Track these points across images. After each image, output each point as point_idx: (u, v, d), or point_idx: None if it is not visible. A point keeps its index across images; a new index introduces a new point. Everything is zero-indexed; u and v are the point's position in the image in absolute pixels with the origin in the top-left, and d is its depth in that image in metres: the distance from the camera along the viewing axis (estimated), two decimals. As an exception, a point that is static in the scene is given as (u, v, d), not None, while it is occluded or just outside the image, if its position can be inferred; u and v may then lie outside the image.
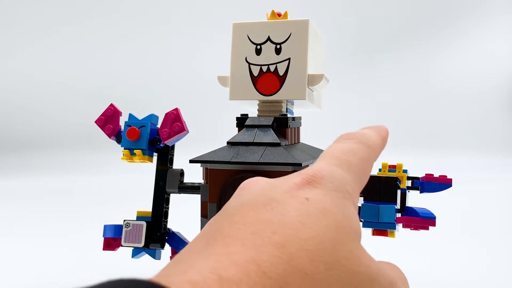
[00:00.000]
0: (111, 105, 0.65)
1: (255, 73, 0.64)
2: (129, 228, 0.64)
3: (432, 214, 0.60)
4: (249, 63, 0.64)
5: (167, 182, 0.66)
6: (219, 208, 0.61)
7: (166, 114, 0.63)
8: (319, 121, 1.20)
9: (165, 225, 0.66)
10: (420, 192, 0.61)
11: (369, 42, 2.20)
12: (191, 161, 0.64)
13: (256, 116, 0.65)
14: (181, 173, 0.68)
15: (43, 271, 0.85)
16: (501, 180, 1.72)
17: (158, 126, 0.64)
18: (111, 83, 2.35)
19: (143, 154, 0.62)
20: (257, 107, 0.66)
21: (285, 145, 0.62)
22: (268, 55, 0.64)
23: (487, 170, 1.88)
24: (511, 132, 2.24)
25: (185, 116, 0.63)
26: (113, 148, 0.71)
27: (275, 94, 0.63)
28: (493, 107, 2.25)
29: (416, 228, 0.61)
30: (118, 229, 0.66)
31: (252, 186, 0.35)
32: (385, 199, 0.58)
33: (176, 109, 0.63)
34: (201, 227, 0.64)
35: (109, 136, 0.65)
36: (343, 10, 2.23)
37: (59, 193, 1.61)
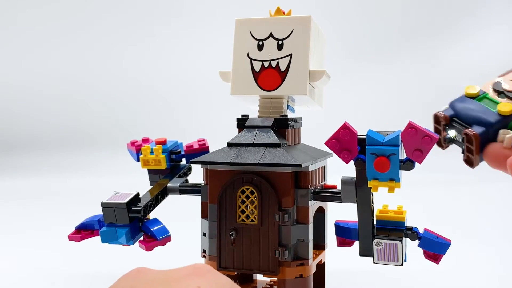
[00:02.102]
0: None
1: (257, 68, 0.64)
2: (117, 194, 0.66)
3: (444, 249, 0.59)
4: (251, 59, 0.64)
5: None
6: (219, 208, 0.61)
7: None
8: (319, 122, 1.20)
9: (146, 208, 0.66)
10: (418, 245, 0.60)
11: (370, 42, 2.20)
12: (192, 162, 0.64)
13: (257, 116, 0.66)
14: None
15: (42, 271, 0.85)
16: (500, 180, 1.71)
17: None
18: (107, 83, 2.35)
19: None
20: (258, 103, 0.66)
21: (286, 146, 0.62)
22: (270, 51, 0.64)
23: (486, 170, 1.88)
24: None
25: (185, 117, 0.64)
26: (113, 148, 0.71)
27: (276, 90, 0.63)
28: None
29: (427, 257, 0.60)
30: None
31: (146, 272, 0.38)
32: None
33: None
34: (202, 228, 0.65)
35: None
36: (344, 9, 2.23)
37: (59, 193, 1.62)
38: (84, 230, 0.69)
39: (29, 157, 2.18)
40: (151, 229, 0.65)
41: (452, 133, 0.50)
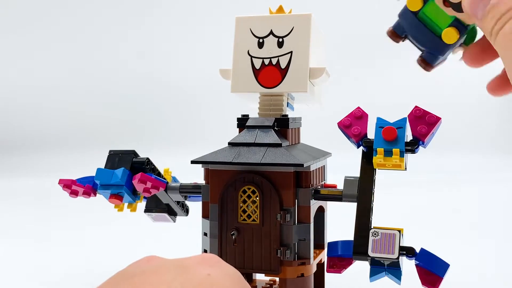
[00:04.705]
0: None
1: (257, 66, 0.64)
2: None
3: (443, 268, 0.57)
4: (251, 56, 0.65)
5: None
6: (220, 208, 0.61)
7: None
8: (319, 122, 1.20)
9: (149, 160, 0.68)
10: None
11: (372, 43, 2.20)
12: (193, 162, 0.64)
13: (257, 114, 0.66)
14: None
15: (41, 272, 0.85)
16: (501, 180, 1.72)
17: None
18: (107, 83, 2.34)
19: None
20: (258, 101, 0.66)
21: (286, 145, 0.62)
22: (270, 48, 0.64)
23: (486, 170, 1.89)
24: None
25: (186, 117, 0.64)
26: (113, 149, 0.71)
27: (277, 87, 0.63)
28: (494, 106, 2.25)
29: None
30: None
31: (157, 259, 0.39)
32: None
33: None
34: (203, 228, 0.65)
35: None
36: (346, 8, 2.23)
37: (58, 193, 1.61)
38: (79, 184, 0.69)
39: (29, 157, 2.17)
40: (150, 175, 0.67)
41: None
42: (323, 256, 0.69)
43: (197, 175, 0.75)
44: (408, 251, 0.56)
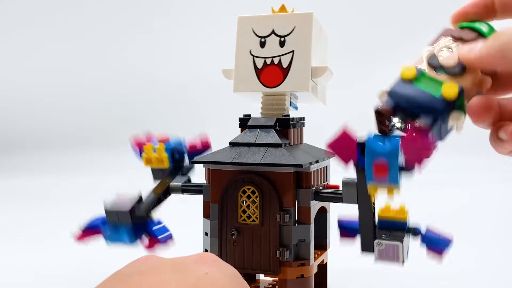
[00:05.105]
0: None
1: (259, 65, 0.64)
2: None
3: (446, 244, 0.58)
4: (253, 56, 0.65)
5: None
6: (221, 208, 0.61)
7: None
8: (322, 122, 1.19)
9: (148, 211, 0.66)
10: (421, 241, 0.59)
11: (375, 42, 2.19)
12: (193, 162, 0.64)
13: (259, 115, 0.66)
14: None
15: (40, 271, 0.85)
16: (501, 180, 1.70)
17: None
18: (110, 82, 2.35)
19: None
20: (260, 100, 0.66)
21: (287, 145, 0.62)
22: (272, 48, 0.64)
23: (486, 170, 1.86)
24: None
25: (187, 117, 0.64)
26: (114, 149, 0.71)
27: (279, 86, 0.63)
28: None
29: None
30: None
31: (155, 259, 0.40)
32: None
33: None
34: (204, 227, 0.65)
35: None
36: (349, 8, 2.22)
37: (63, 193, 1.63)
38: (89, 231, 0.70)
39: (30, 157, 2.19)
40: (152, 228, 0.66)
41: (396, 120, 0.47)
42: (325, 257, 0.68)
43: (198, 175, 0.75)
44: (413, 233, 0.58)
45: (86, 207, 0.73)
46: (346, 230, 0.61)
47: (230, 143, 0.63)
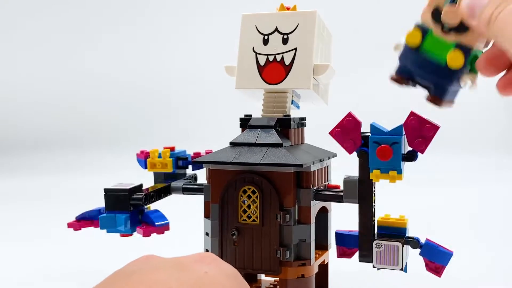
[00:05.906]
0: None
1: (262, 62, 0.64)
2: None
3: (446, 259, 0.58)
4: (256, 53, 0.65)
5: None
6: (221, 208, 0.61)
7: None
8: (324, 122, 1.19)
9: (147, 197, 0.67)
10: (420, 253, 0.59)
11: (377, 39, 2.19)
12: (194, 162, 0.65)
13: (260, 115, 0.65)
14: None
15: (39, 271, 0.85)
16: (501, 180, 1.70)
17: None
18: (109, 83, 2.36)
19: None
20: (262, 98, 0.66)
21: (288, 145, 0.62)
22: (275, 45, 0.64)
23: (486, 170, 1.86)
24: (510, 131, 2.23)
25: (188, 117, 0.64)
26: (114, 149, 0.71)
27: (281, 83, 0.63)
28: (494, 106, 2.23)
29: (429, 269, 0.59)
30: None
31: (155, 258, 0.40)
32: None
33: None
34: (204, 227, 0.65)
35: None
36: (352, 8, 2.22)
37: (61, 192, 1.62)
38: (84, 220, 0.71)
39: (29, 157, 2.19)
40: (150, 216, 0.67)
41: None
42: (326, 257, 0.68)
43: (198, 175, 0.75)
44: (412, 245, 0.57)
45: (86, 207, 0.73)
46: (344, 241, 0.61)
47: (230, 143, 0.63)
